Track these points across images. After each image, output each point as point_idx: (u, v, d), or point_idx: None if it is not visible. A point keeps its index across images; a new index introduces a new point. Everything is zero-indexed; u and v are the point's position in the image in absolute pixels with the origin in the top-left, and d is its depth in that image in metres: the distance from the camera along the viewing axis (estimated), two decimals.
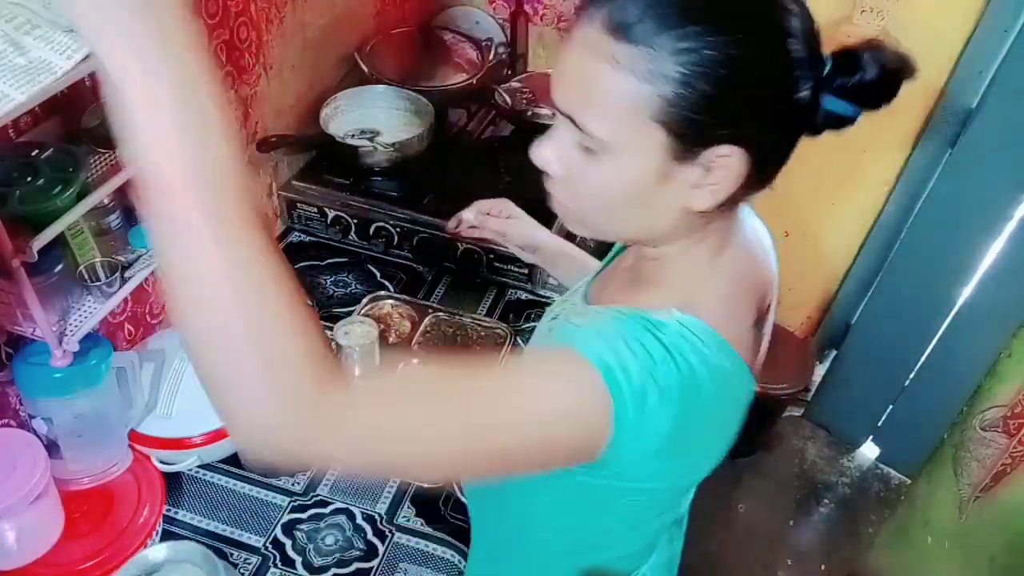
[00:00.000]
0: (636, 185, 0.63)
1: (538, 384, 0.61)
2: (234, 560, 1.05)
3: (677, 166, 0.61)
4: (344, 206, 1.52)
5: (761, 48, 0.58)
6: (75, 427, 1.01)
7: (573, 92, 0.61)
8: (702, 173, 0.61)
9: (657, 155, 0.60)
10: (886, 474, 2.34)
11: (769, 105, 0.60)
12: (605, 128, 0.60)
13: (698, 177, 0.62)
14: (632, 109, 0.58)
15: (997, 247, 1.87)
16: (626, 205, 0.65)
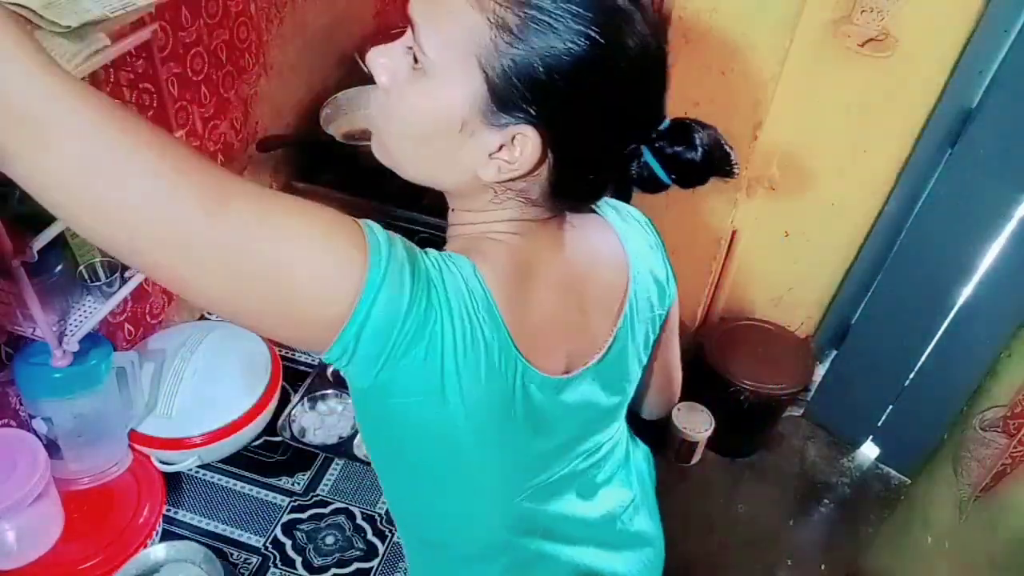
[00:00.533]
0: (441, 120, 0.62)
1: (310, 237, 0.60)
2: (234, 560, 1.05)
3: (481, 124, 0.61)
4: (344, 206, 1.51)
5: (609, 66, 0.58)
6: (75, 427, 1.01)
7: (427, 7, 0.61)
8: (499, 143, 0.61)
9: (468, 98, 0.60)
10: (886, 474, 2.34)
11: (590, 123, 0.61)
12: (437, 50, 0.60)
13: (495, 147, 0.62)
14: (465, 40, 0.58)
15: (997, 247, 1.87)
16: (425, 140, 0.64)
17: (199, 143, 1.28)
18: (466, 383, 0.62)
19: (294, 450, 1.18)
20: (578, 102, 0.59)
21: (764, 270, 2.29)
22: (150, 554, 0.98)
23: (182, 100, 1.20)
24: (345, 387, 1.25)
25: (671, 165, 0.64)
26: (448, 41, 0.59)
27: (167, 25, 1.12)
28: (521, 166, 0.62)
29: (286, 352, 1.33)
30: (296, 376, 1.28)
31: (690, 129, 0.64)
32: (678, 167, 0.64)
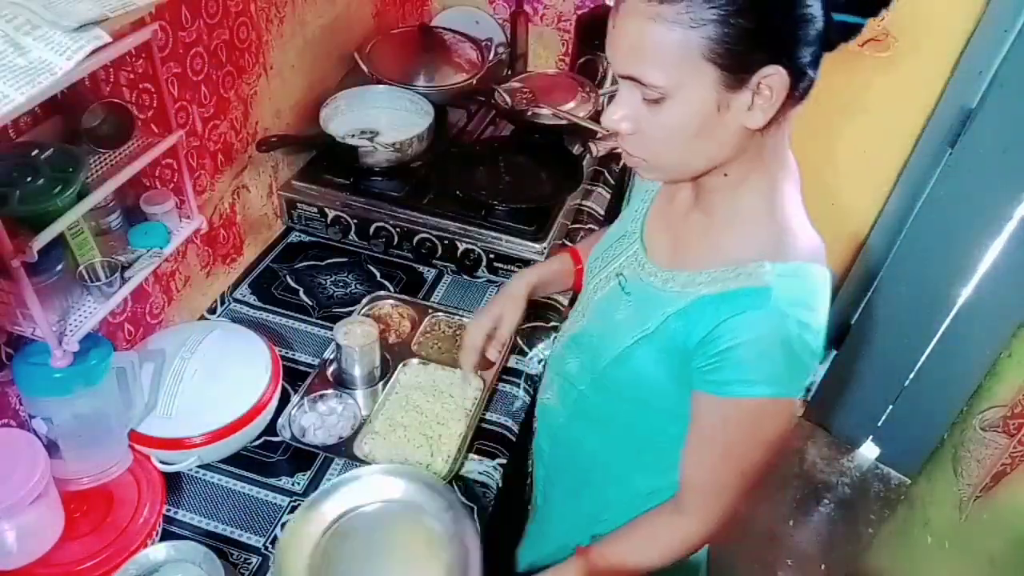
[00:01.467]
0: (700, 118, 0.73)
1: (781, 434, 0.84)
2: (234, 560, 1.05)
3: (731, 94, 0.71)
4: (344, 206, 1.52)
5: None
6: (75, 427, 1.01)
7: (630, 55, 0.72)
8: (752, 95, 0.72)
9: (713, 88, 0.71)
10: (886, 474, 2.34)
11: (795, 24, 0.70)
12: (664, 76, 0.71)
13: (750, 100, 0.72)
14: (683, 54, 0.69)
15: (997, 247, 1.87)
16: (695, 139, 0.75)
17: (199, 143, 1.28)
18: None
19: (294, 450, 1.18)
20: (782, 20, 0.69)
21: None
22: (150, 554, 0.98)
23: (182, 100, 1.20)
24: (345, 387, 1.25)
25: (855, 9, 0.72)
26: (673, 66, 0.70)
27: (167, 25, 1.12)
28: (779, 98, 0.72)
29: (286, 352, 1.33)
30: (296, 376, 1.28)
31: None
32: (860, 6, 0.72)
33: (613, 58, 0.75)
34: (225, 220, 1.41)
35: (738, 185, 0.81)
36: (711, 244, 0.84)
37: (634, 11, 0.71)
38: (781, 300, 0.76)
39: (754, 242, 0.80)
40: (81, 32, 0.70)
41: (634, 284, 0.91)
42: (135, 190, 1.08)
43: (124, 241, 1.05)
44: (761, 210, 0.81)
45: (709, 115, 0.73)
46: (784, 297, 0.76)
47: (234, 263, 1.48)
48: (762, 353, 0.77)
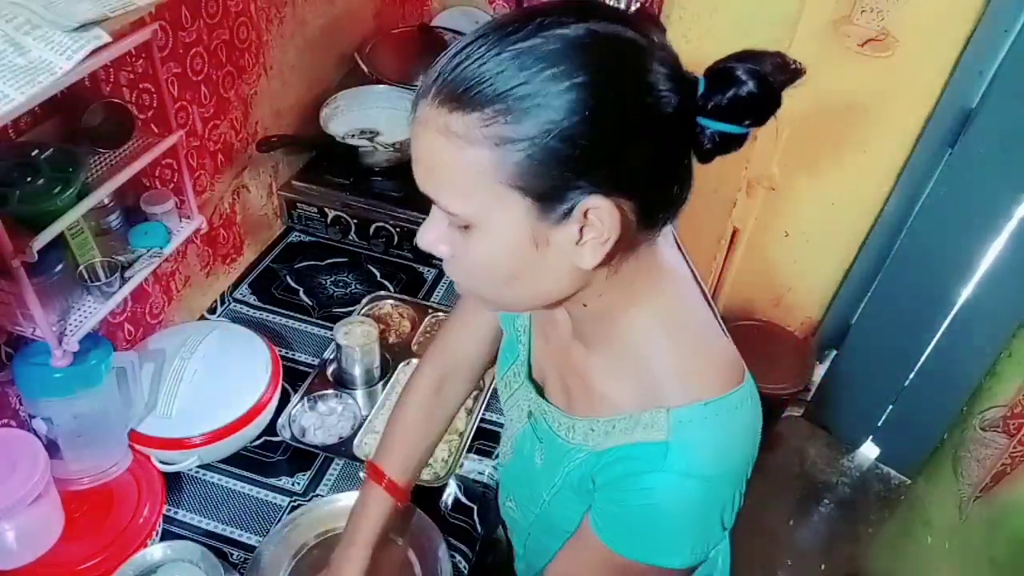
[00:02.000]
0: (514, 255, 0.60)
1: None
2: (234, 560, 1.05)
3: (550, 228, 0.58)
4: (344, 206, 1.52)
5: (606, 92, 0.54)
6: (75, 427, 1.01)
7: (426, 173, 0.59)
8: (579, 231, 0.58)
9: (523, 220, 0.58)
10: (886, 474, 2.34)
11: (629, 147, 0.56)
12: (462, 204, 0.58)
13: (576, 236, 0.59)
14: (481, 179, 0.56)
15: (997, 247, 1.87)
16: (513, 277, 0.62)
17: (199, 143, 1.28)
18: None
19: (294, 450, 1.18)
20: (612, 143, 0.56)
21: (764, 270, 2.29)
22: (150, 554, 0.98)
23: (182, 100, 1.20)
24: (345, 387, 1.25)
25: (735, 114, 0.57)
26: (466, 191, 0.57)
27: (167, 25, 1.12)
28: (611, 231, 0.58)
29: (286, 352, 1.33)
30: (296, 376, 1.28)
31: (726, 71, 0.57)
32: (742, 111, 0.57)
33: (415, 173, 0.61)
34: (225, 220, 1.41)
35: (606, 316, 0.69)
36: (600, 389, 0.72)
37: (426, 121, 0.57)
38: (679, 458, 0.64)
39: (648, 385, 0.67)
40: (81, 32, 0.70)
41: (542, 428, 0.80)
42: (135, 190, 1.08)
43: (124, 241, 1.05)
44: (651, 343, 0.68)
45: (526, 252, 0.59)
46: (683, 454, 0.64)
47: (234, 263, 1.48)
48: (652, 522, 0.67)
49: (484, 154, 0.55)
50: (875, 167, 1.99)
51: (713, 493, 0.66)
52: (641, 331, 0.68)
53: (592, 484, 0.72)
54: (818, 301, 2.34)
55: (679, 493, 0.65)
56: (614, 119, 0.55)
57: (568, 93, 0.53)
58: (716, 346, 0.71)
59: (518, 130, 0.54)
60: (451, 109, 0.55)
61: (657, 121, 0.57)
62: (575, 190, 0.56)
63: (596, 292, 0.66)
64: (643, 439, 0.66)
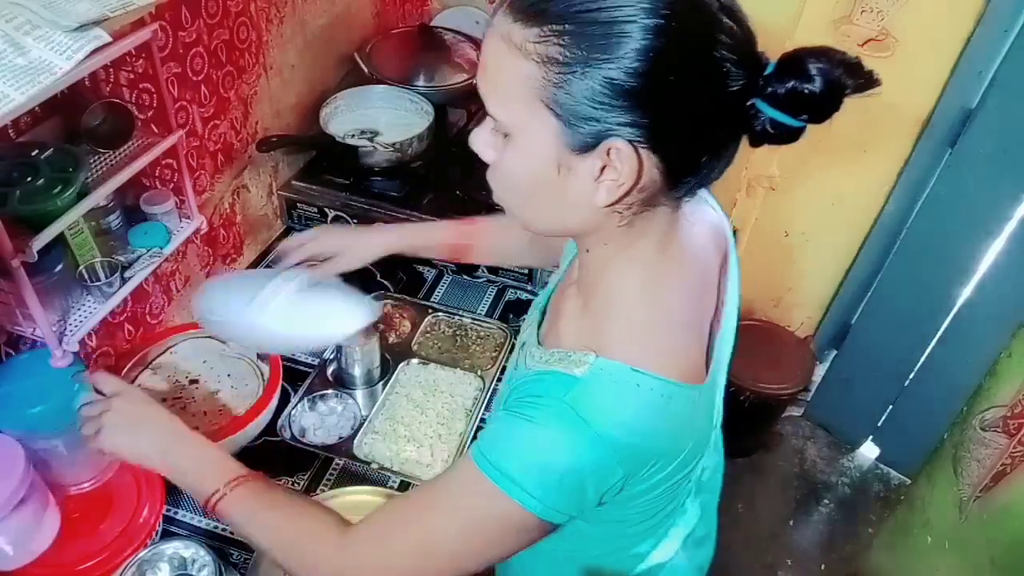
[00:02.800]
0: (537, 171, 0.62)
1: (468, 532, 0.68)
2: (234, 560, 1.05)
3: (575, 156, 0.60)
4: (344, 206, 1.52)
5: (669, 44, 0.55)
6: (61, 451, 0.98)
7: (483, 76, 0.62)
8: (600, 168, 0.60)
9: (551, 141, 0.60)
10: (886, 474, 2.34)
11: (669, 104, 0.57)
12: (503, 111, 0.61)
13: (597, 172, 0.60)
14: (524, 91, 0.58)
15: (997, 247, 1.87)
16: (535, 194, 0.65)
17: (199, 143, 1.28)
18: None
19: (294, 450, 1.18)
20: (654, 95, 0.56)
21: (764, 270, 2.29)
22: (149, 554, 0.98)
23: (182, 100, 1.20)
24: (345, 387, 1.25)
25: (793, 106, 0.57)
26: (509, 98, 0.60)
27: (167, 25, 1.12)
28: (627, 177, 0.60)
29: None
30: (296, 376, 1.28)
31: (800, 60, 0.57)
32: (801, 105, 0.57)
33: (477, 75, 0.64)
34: (225, 220, 1.41)
35: (603, 266, 0.70)
36: (568, 325, 0.74)
37: (495, 27, 0.60)
38: (579, 398, 0.63)
39: (599, 331, 0.68)
40: (81, 32, 0.70)
41: (521, 361, 0.80)
42: (135, 190, 1.08)
43: (124, 241, 1.05)
44: (621, 300, 0.69)
45: (548, 172, 0.62)
46: (585, 395, 0.63)
47: (234, 263, 1.48)
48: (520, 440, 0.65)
49: (531, 68, 0.57)
50: (875, 167, 1.99)
51: (592, 449, 0.63)
52: (621, 287, 0.69)
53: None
54: (818, 301, 2.34)
55: (561, 427, 0.63)
56: (668, 72, 0.55)
57: (631, 34, 0.54)
58: (683, 338, 0.70)
59: (567, 54, 0.55)
60: (515, 19, 0.58)
61: (708, 89, 0.57)
62: (604, 127, 0.57)
63: (603, 239, 0.68)
64: (561, 369, 0.66)
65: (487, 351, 1.35)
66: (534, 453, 0.64)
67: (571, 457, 0.63)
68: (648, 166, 0.60)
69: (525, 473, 0.63)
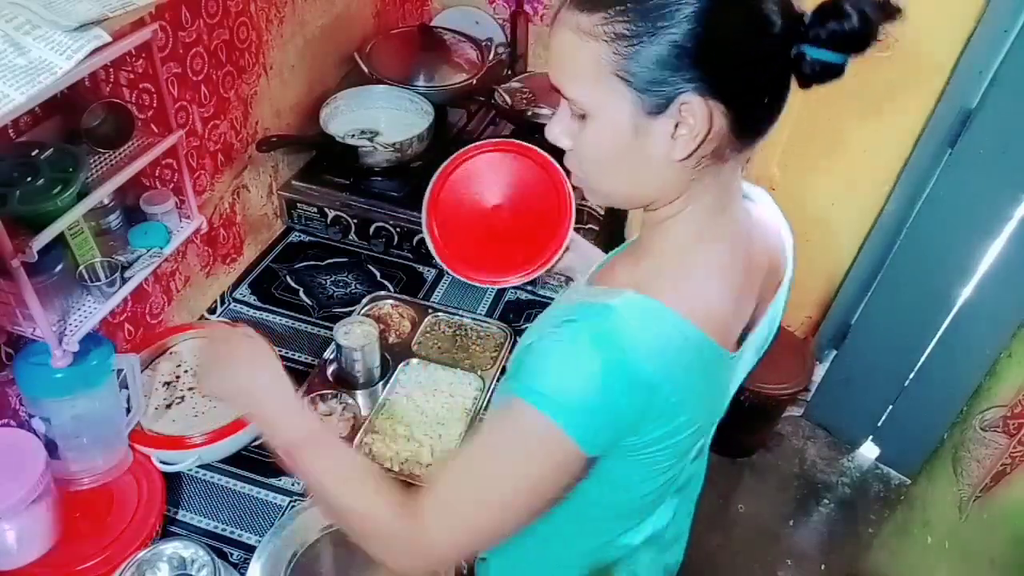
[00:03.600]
0: (618, 140, 0.68)
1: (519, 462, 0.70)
2: (234, 560, 1.05)
3: (650, 120, 0.66)
4: (344, 206, 1.52)
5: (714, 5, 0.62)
6: (74, 428, 1.00)
7: (555, 66, 0.70)
8: (674, 125, 0.66)
9: (627, 109, 0.66)
10: (886, 474, 2.34)
11: (730, 56, 0.64)
12: (580, 92, 0.68)
13: (672, 128, 0.66)
14: (597, 70, 0.65)
15: (997, 247, 1.87)
16: (615, 163, 0.71)
17: (199, 143, 1.28)
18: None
19: None
20: (715, 50, 0.63)
21: None
22: (149, 554, 0.98)
23: (182, 100, 1.20)
24: (345, 387, 1.25)
25: (837, 44, 0.66)
26: (584, 80, 0.67)
27: (167, 25, 1.12)
28: (701, 129, 0.66)
29: (286, 352, 1.33)
30: (296, 376, 1.28)
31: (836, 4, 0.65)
32: (844, 42, 0.66)
33: (549, 69, 0.71)
34: (225, 220, 1.41)
35: (664, 218, 0.75)
36: (620, 270, 0.79)
37: (561, 19, 0.68)
38: (613, 324, 0.67)
39: (642, 271, 0.74)
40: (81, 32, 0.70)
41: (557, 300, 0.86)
42: (135, 190, 1.08)
43: (124, 241, 1.05)
44: (669, 249, 0.75)
45: (627, 139, 0.68)
46: (618, 324, 0.67)
47: (234, 263, 1.48)
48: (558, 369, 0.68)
49: (602, 48, 0.65)
50: (875, 167, 1.99)
51: (621, 371, 0.66)
52: (674, 236, 0.75)
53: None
54: (818, 301, 2.34)
55: (594, 348, 0.66)
56: (721, 29, 0.63)
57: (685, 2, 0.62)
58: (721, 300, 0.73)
59: (632, 28, 0.63)
60: (580, 9, 0.66)
61: (761, 38, 0.65)
62: (673, 87, 0.64)
63: (671, 195, 0.72)
64: (598, 300, 0.70)
65: (487, 351, 1.35)
66: (570, 375, 0.67)
67: (603, 378, 0.66)
68: (716, 115, 0.65)
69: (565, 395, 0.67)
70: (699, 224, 0.74)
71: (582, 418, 0.67)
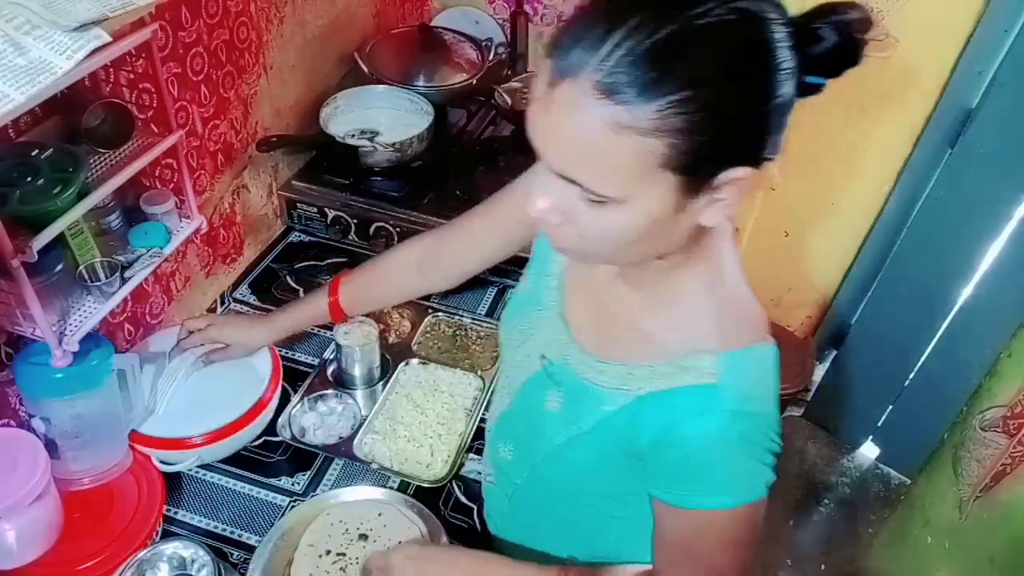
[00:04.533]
0: (652, 224, 0.63)
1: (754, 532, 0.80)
2: (234, 560, 1.05)
3: (689, 197, 0.62)
4: (344, 206, 1.52)
5: (752, 76, 0.58)
6: (74, 428, 1.01)
7: (572, 155, 0.60)
8: (711, 195, 0.62)
9: (670, 195, 0.61)
10: (886, 474, 2.34)
11: (765, 120, 0.61)
12: (614, 187, 0.60)
13: (709, 201, 0.63)
14: (640, 164, 0.58)
15: (997, 247, 1.87)
16: (639, 241, 0.65)
17: (199, 143, 1.28)
18: None
19: (294, 450, 1.18)
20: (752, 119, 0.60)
21: (764, 270, 2.29)
22: (149, 554, 0.98)
23: (182, 100, 1.20)
24: (345, 387, 1.25)
25: (818, 68, 0.63)
26: (626, 175, 0.59)
27: (167, 25, 1.12)
28: (742, 196, 0.63)
29: (286, 352, 1.33)
30: (296, 376, 1.28)
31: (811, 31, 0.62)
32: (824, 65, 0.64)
33: (548, 152, 0.61)
34: (225, 220, 1.41)
35: (673, 268, 0.72)
36: (645, 331, 0.75)
37: (579, 106, 0.57)
38: (729, 398, 0.68)
39: (694, 331, 0.72)
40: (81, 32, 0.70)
41: (562, 372, 0.81)
42: (135, 190, 1.08)
43: (124, 241, 1.05)
44: (699, 294, 0.73)
45: (662, 220, 0.63)
46: (732, 394, 0.69)
47: (234, 263, 1.48)
48: (718, 461, 0.70)
49: (645, 141, 0.56)
50: (875, 167, 1.98)
51: (758, 434, 0.70)
52: (699, 280, 0.73)
53: (634, 444, 0.74)
54: (818, 301, 2.34)
55: (735, 429, 0.68)
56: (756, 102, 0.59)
57: (729, 80, 0.57)
58: (752, 304, 0.76)
59: (682, 119, 0.56)
60: (611, 99, 0.55)
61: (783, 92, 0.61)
62: (720, 165, 0.60)
63: (680, 244, 0.69)
64: (691, 383, 0.70)
65: (487, 351, 1.35)
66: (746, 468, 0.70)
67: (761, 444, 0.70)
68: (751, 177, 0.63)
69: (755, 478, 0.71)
70: (711, 258, 0.74)
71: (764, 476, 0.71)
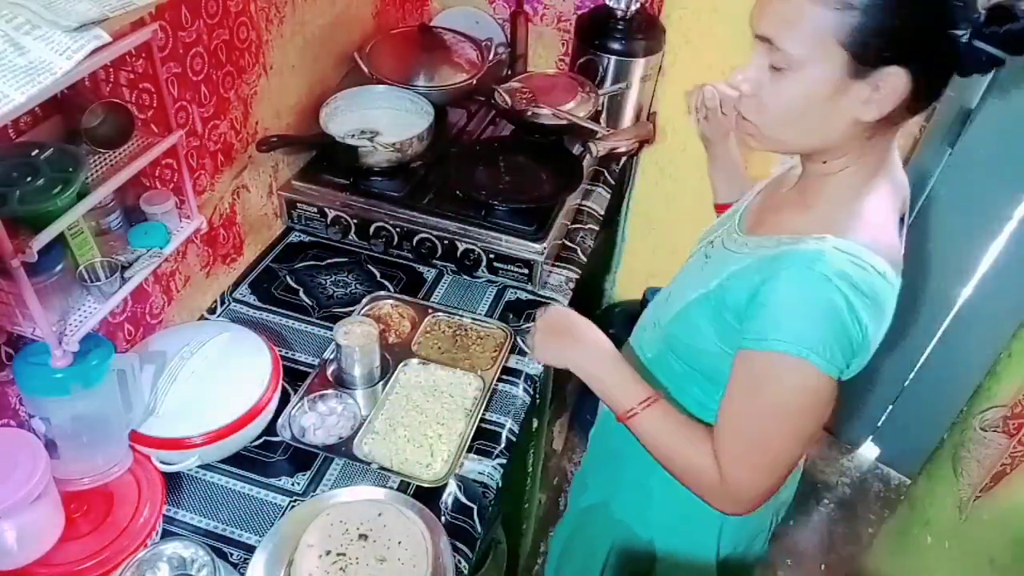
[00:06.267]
0: (816, 96, 0.78)
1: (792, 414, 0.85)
2: (234, 560, 1.05)
3: (851, 82, 0.77)
4: (344, 206, 1.52)
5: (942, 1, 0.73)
6: (74, 427, 1.00)
7: (774, 17, 0.78)
8: (870, 90, 0.77)
9: (837, 71, 0.76)
10: (886, 474, 2.34)
11: (933, 38, 0.74)
12: (798, 47, 0.77)
13: (867, 93, 0.77)
14: (823, 33, 0.75)
15: (997, 247, 1.87)
16: (806, 115, 0.80)
17: (199, 143, 1.28)
18: None
19: (294, 450, 1.18)
20: (921, 27, 0.74)
21: None
22: (150, 554, 0.98)
23: (182, 100, 1.20)
24: (345, 387, 1.25)
25: (1006, 44, 0.75)
26: (811, 40, 0.76)
27: (167, 25, 1.12)
28: (895, 99, 0.77)
29: (286, 352, 1.33)
30: (296, 376, 1.28)
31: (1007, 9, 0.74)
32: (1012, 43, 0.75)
33: (758, 16, 0.80)
34: (225, 220, 1.41)
35: (834, 174, 0.86)
36: (790, 217, 0.89)
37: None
38: (831, 268, 0.78)
39: (827, 220, 0.84)
40: (81, 32, 0.70)
41: (717, 250, 0.99)
42: (135, 190, 1.08)
43: (124, 241, 1.05)
44: (846, 198, 0.85)
45: (826, 96, 0.78)
46: (835, 268, 0.78)
47: (234, 263, 1.48)
48: (799, 312, 0.79)
49: (831, 15, 0.74)
50: None
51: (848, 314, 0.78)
52: (850, 189, 0.85)
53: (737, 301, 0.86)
54: None
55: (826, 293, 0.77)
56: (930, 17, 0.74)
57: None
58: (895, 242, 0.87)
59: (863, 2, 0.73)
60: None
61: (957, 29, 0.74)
62: (886, 56, 0.75)
63: (844, 151, 0.84)
64: (804, 248, 0.81)
65: (487, 351, 1.35)
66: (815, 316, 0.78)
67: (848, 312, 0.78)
68: (908, 88, 0.76)
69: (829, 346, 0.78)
70: (865, 178, 0.85)
71: (834, 352, 0.79)
